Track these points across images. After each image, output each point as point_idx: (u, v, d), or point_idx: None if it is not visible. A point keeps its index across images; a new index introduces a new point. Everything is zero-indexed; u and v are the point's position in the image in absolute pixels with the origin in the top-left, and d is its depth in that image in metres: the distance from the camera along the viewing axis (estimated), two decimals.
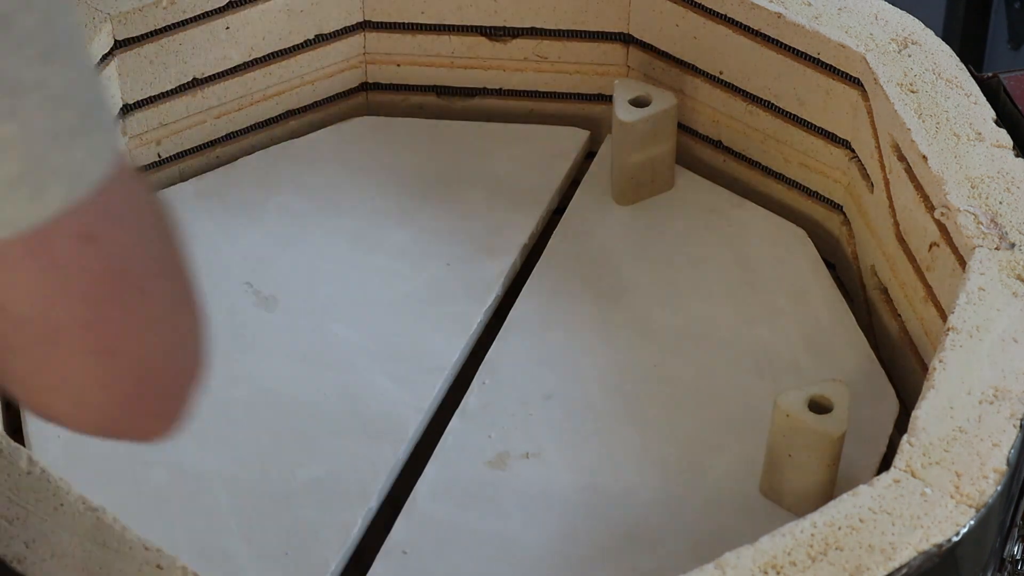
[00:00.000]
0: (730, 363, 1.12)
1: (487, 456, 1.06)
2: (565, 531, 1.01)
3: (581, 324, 1.15)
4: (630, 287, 1.18)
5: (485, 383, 1.11)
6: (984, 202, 1.02)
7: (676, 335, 1.14)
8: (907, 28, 1.15)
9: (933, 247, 1.05)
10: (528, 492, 1.04)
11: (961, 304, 0.96)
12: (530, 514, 0.95)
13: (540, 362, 1.13)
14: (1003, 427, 0.90)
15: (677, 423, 1.09)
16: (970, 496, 0.86)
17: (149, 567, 0.83)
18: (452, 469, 1.05)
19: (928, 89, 1.10)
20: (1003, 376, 0.92)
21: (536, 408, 1.09)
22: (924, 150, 1.06)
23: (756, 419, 1.07)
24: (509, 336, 1.14)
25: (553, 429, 1.08)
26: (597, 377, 1.11)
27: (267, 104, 1.28)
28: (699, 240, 1.20)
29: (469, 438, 1.07)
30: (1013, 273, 0.98)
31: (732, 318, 1.15)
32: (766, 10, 1.16)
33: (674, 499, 1.04)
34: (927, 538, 0.84)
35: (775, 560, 0.83)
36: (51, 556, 0.83)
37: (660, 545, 1.01)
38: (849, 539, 0.84)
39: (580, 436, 1.08)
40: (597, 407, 1.10)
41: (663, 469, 1.06)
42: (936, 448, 0.88)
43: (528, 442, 1.07)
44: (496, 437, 1.08)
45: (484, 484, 1.03)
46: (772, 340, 1.14)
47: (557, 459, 1.06)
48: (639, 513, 1.03)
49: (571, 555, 1.00)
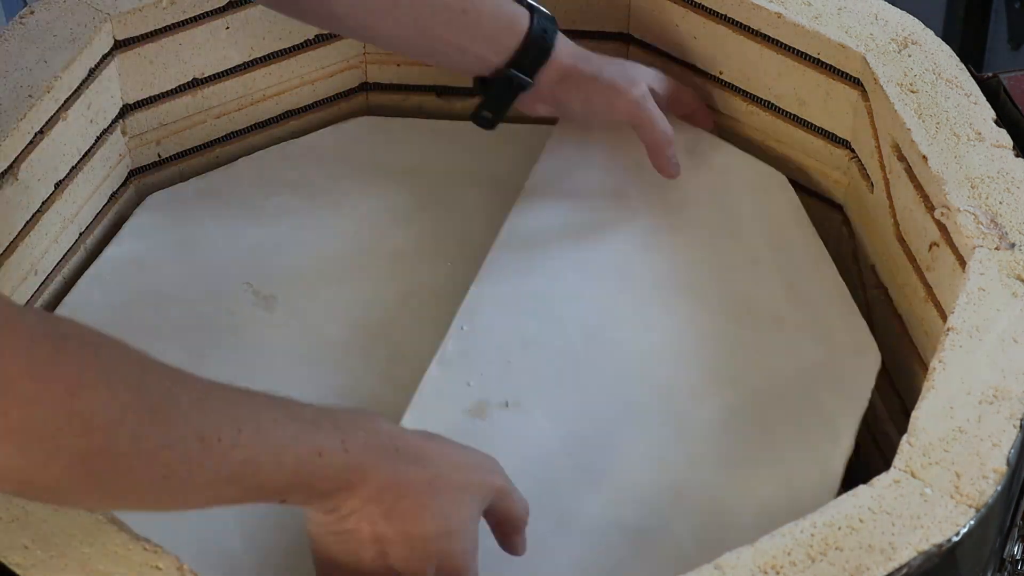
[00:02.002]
0: (711, 312, 1.11)
1: (466, 405, 1.05)
2: (545, 482, 1.00)
3: (560, 270, 1.14)
4: (609, 232, 1.16)
5: (464, 329, 1.09)
6: (984, 202, 1.02)
7: (656, 282, 1.13)
8: (907, 28, 1.15)
9: (933, 247, 1.05)
10: (508, 442, 1.02)
11: (961, 304, 0.96)
12: (510, 465, 0.93)
13: (519, 308, 1.11)
14: (1003, 427, 0.89)
15: (657, 373, 1.07)
16: (970, 496, 0.86)
17: (148, 567, 0.83)
18: (431, 418, 1.03)
19: (928, 89, 1.10)
20: (1003, 376, 0.92)
21: (515, 355, 1.08)
22: (924, 150, 1.06)
23: (738, 370, 1.06)
24: (487, 281, 1.13)
25: (533, 377, 1.07)
26: (577, 324, 1.10)
27: (267, 104, 1.28)
28: (679, 184, 1.19)
29: (448, 386, 1.06)
30: (1013, 273, 0.98)
31: (713, 265, 1.14)
32: (766, 10, 1.16)
33: (655, 449, 1.03)
34: (927, 538, 0.84)
35: (775, 560, 0.83)
36: (51, 556, 0.83)
37: (641, 495, 1.01)
38: (849, 539, 0.84)
39: (560, 385, 1.07)
40: (577, 355, 1.08)
41: (644, 419, 1.05)
42: (936, 448, 0.88)
43: (507, 391, 1.06)
44: (475, 385, 1.06)
45: (463, 434, 1.00)
46: (753, 289, 1.12)
47: (537, 408, 1.05)
48: (620, 463, 1.02)
49: (551, 506, 0.99)
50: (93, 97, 1.16)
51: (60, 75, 1.11)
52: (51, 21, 1.15)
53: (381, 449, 0.85)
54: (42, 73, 1.11)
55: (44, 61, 1.12)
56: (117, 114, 1.20)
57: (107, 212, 1.22)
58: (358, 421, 0.85)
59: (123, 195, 1.24)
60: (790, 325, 1.10)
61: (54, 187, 1.13)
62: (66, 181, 1.15)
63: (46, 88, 1.10)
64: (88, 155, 1.17)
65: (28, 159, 1.09)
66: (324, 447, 0.83)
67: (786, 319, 1.11)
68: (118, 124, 1.21)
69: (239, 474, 0.79)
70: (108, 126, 1.19)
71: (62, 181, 1.14)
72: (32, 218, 1.12)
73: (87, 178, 1.18)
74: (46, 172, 1.12)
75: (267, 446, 0.80)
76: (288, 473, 0.81)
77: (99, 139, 1.18)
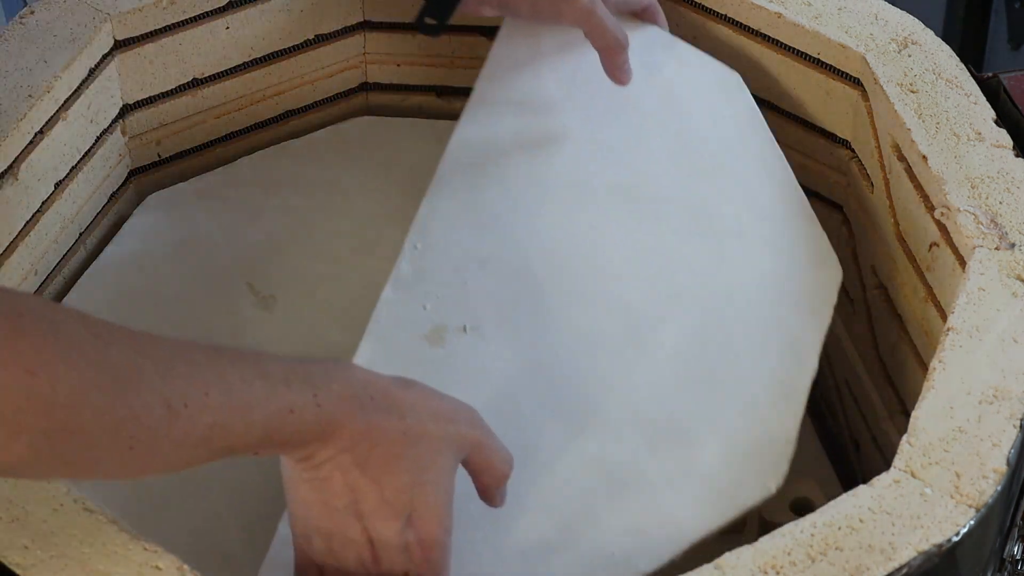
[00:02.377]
0: (671, 224, 1.07)
1: (423, 330, 1.02)
2: (506, 410, 0.98)
3: (514, 182, 1.10)
4: (562, 141, 1.12)
5: (417, 247, 1.06)
6: (984, 202, 1.02)
7: (613, 193, 1.09)
8: (907, 28, 1.15)
9: (933, 247, 1.05)
10: (467, 371, 0.99)
11: (961, 304, 0.96)
12: (470, 395, 0.90)
13: (473, 224, 1.07)
14: (1003, 427, 0.89)
15: (618, 291, 1.04)
16: (970, 496, 0.86)
17: (148, 567, 0.83)
18: (388, 348, 1.01)
19: (928, 89, 1.10)
20: (1003, 376, 0.92)
21: (472, 276, 1.04)
22: (924, 150, 1.06)
23: (701, 287, 1.04)
24: (439, 196, 1.08)
25: (490, 300, 1.03)
26: (534, 241, 1.06)
27: (267, 104, 1.28)
28: (631, 89, 1.14)
29: (404, 310, 1.03)
30: (1013, 273, 0.98)
31: (670, 173, 1.10)
32: (766, 10, 1.16)
33: (617, 374, 1.01)
34: (927, 538, 0.84)
35: (775, 560, 0.83)
36: (51, 556, 0.83)
37: (604, 420, 0.99)
38: (849, 539, 0.84)
39: (518, 308, 1.03)
40: (535, 275, 1.04)
41: (605, 343, 1.02)
42: (936, 448, 0.88)
43: (465, 314, 1.02)
44: (431, 308, 1.03)
45: (422, 364, 0.99)
46: (713, 199, 1.09)
47: (496, 334, 1.02)
48: (583, 391, 1.00)
49: (513, 437, 0.95)
50: (93, 97, 1.16)
51: (60, 75, 1.11)
52: (51, 21, 1.15)
53: (355, 400, 0.83)
54: (42, 73, 1.11)
55: (44, 61, 1.12)
56: (117, 114, 1.20)
57: (107, 212, 1.22)
58: (331, 373, 0.83)
59: (123, 195, 1.24)
60: (750, 238, 1.07)
61: (54, 187, 1.13)
62: (66, 181, 1.15)
63: (46, 88, 1.10)
64: (88, 155, 1.17)
65: (28, 159, 1.09)
66: (295, 404, 0.81)
67: (746, 232, 1.07)
68: (118, 124, 1.21)
69: (207, 437, 0.78)
70: (108, 126, 1.19)
71: (62, 181, 1.14)
72: (32, 218, 1.12)
73: (87, 178, 1.18)
74: (46, 172, 1.12)
75: (236, 407, 0.79)
76: (258, 432, 0.80)
77: (99, 139, 1.18)
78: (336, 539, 0.85)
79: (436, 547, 0.85)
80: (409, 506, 0.85)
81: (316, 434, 0.82)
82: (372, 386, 0.85)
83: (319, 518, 0.85)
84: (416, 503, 0.85)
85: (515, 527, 0.93)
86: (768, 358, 1.02)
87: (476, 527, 0.92)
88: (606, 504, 0.95)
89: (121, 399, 0.75)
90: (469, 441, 0.87)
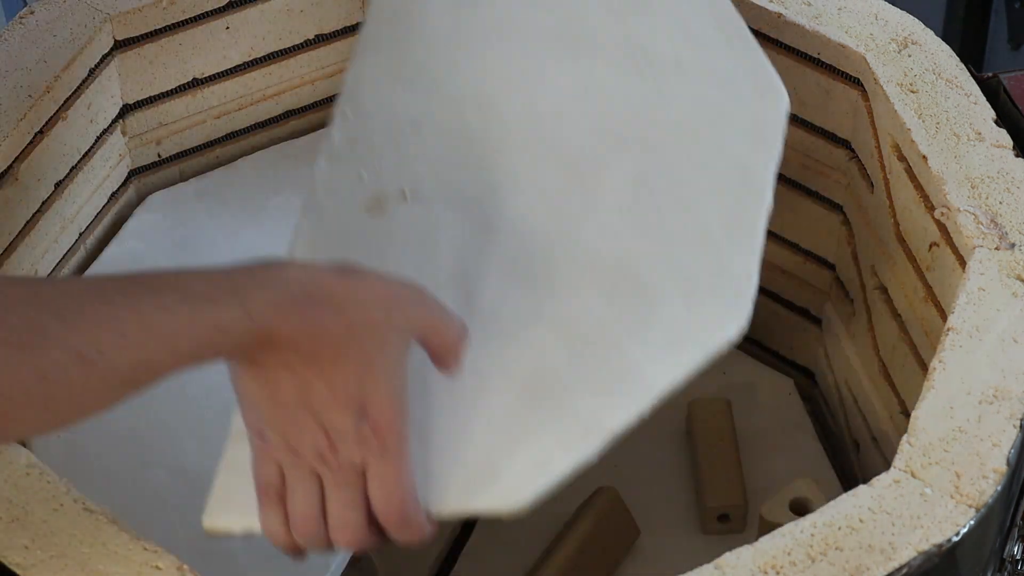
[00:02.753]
0: (606, 64, 1.01)
1: (362, 200, 0.97)
2: (457, 277, 0.94)
3: (441, 34, 1.03)
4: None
5: (348, 115, 1.00)
6: (984, 202, 1.02)
7: (543, 37, 1.03)
8: (907, 28, 1.15)
9: (933, 247, 1.05)
10: (413, 242, 0.96)
11: (961, 304, 0.96)
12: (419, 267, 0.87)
13: (403, 84, 1.01)
14: (1003, 427, 0.89)
15: (559, 140, 0.99)
16: (970, 496, 0.86)
17: (148, 567, 0.83)
18: (327, 221, 0.97)
19: (928, 89, 1.10)
20: (1003, 376, 0.92)
21: (406, 139, 0.99)
22: (924, 150, 1.06)
23: (643, 126, 0.98)
24: (364, 59, 1.03)
25: (428, 162, 0.98)
26: (468, 95, 1.01)
27: (267, 104, 1.28)
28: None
29: (340, 182, 0.98)
30: (1013, 273, 0.98)
31: (599, 12, 1.03)
32: (766, 10, 1.16)
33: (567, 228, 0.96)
34: (927, 538, 0.84)
35: (775, 560, 0.83)
36: (51, 556, 0.83)
37: (558, 278, 0.94)
38: (849, 539, 0.84)
39: (458, 167, 0.98)
40: (471, 129, 0.99)
41: (552, 196, 0.97)
42: (936, 448, 0.88)
43: (404, 179, 0.98)
44: (369, 178, 0.98)
45: (364, 235, 0.95)
46: (647, 34, 1.02)
47: (437, 198, 0.97)
48: (532, 247, 0.95)
49: (468, 306, 0.92)
50: (93, 97, 1.16)
51: (60, 75, 1.11)
52: (51, 21, 1.15)
53: (291, 303, 0.79)
54: (42, 73, 1.11)
55: (44, 61, 1.12)
56: (117, 114, 1.20)
57: (107, 212, 1.22)
58: (261, 278, 0.79)
59: (123, 195, 1.24)
60: (690, 71, 1.01)
61: (54, 187, 1.13)
62: (66, 181, 1.15)
63: (46, 88, 1.10)
64: (88, 155, 1.17)
65: (28, 159, 1.09)
66: (224, 321, 0.77)
67: (685, 65, 1.01)
68: (118, 124, 1.21)
69: (131, 377, 0.76)
70: (108, 126, 1.19)
71: (62, 181, 1.14)
72: (32, 218, 1.12)
73: (87, 178, 1.18)
74: (46, 172, 1.12)
75: (158, 340, 0.76)
76: (188, 358, 0.77)
77: (99, 139, 1.18)
78: (291, 433, 0.83)
79: (392, 435, 0.83)
80: (361, 397, 0.82)
81: (252, 345, 0.79)
82: (308, 283, 0.81)
83: (271, 414, 0.83)
84: (367, 393, 0.82)
85: (477, 397, 0.90)
86: (719, 194, 0.96)
87: (436, 400, 0.89)
88: (568, 364, 0.91)
89: (28, 364, 0.73)
90: (416, 321, 0.84)
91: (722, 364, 1.31)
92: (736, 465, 1.20)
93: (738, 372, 1.30)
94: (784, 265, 1.27)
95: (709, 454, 1.20)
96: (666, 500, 1.21)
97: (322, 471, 0.84)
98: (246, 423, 0.85)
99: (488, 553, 1.18)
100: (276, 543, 0.87)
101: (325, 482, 0.84)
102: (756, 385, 1.29)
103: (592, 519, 1.14)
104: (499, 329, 0.92)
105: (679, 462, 1.23)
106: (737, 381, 1.29)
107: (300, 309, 0.79)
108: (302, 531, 0.85)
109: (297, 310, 0.79)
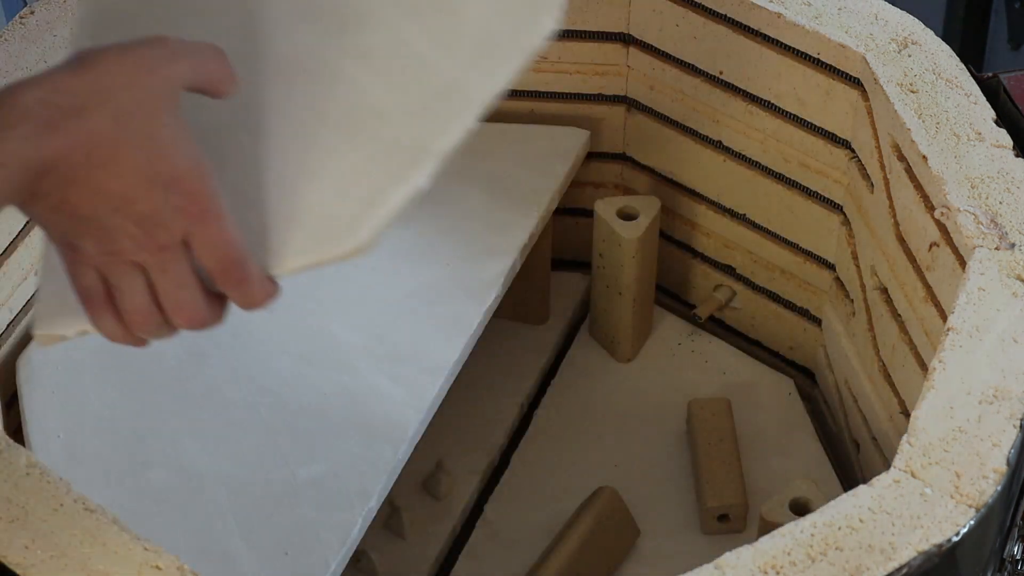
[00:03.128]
0: None
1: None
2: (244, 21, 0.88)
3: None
4: None
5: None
6: (984, 202, 1.02)
7: None
8: (907, 28, 1.15)
9: (933, 247, 1.05)
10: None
11: (961, 304, 0.96)
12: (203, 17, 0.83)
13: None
14: (1003, 427, 0.89)
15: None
16: (970, 496, 0.86)
17: (148, 567, 0.83)
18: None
19: (928, 89, 1.10)
20: (1003, 376, 0.92)
21: None
22: (924, 150, 1.06)
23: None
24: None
25: None
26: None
27: None
28: None
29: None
30: (1013, 273, 0.98)
31: None
32: (766, 10, 1.16)
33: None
34: (927, 538, 0.84)
35: (775, 560, 0.83)
36: (51, 556, 0.83)
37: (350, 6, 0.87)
38: (849, 539, 0.84)
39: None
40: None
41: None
42: (936, 448, 0.88)
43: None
44: None
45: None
46: None
47: None
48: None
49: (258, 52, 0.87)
50: None
51: None
52: (51, 21, 1.15)
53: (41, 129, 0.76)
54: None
55: (44, 61, 1.12)
56: None
57: None
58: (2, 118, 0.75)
59: None
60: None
61: None
62: None
63: None
64: None
65: None
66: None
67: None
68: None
69: None
70: None
71: None
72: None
73: None
74: None
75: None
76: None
77: None
78: (103, 239, 0.80)
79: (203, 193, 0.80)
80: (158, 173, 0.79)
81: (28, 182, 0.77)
82: (47, 98, 0.76)
83: (77, 230, 0.80)
84: (163, 166, 0.79)
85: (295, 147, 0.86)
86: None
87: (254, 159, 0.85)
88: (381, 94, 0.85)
89: None
90: (173, 74, 0.80)
91: (722, 364, 1.32)
92: (736, 465, 1.20)
93: (738, 372, 1.31)
94: (784, 265, 1.27)
95: (709, 454, 1.20)
96: (666, 500, 1.21)
97: (144, 260, 0.81)
98: (53, 243, 0.82)
99: (488, 553, 1.18)
100: (116, 341, 0.84)
101: (150, 271, 0.81)
102: (756, 385, 1.29)
103: (592, 519, 1.14)
104: (301, 71, 0.87)
105: (679, 462, 1.23)
106: (737, 381, 1.29)
107: (53, 128, 0.76)
108: (139, 325, 0.83)
109: (50, 131, 0.76)
